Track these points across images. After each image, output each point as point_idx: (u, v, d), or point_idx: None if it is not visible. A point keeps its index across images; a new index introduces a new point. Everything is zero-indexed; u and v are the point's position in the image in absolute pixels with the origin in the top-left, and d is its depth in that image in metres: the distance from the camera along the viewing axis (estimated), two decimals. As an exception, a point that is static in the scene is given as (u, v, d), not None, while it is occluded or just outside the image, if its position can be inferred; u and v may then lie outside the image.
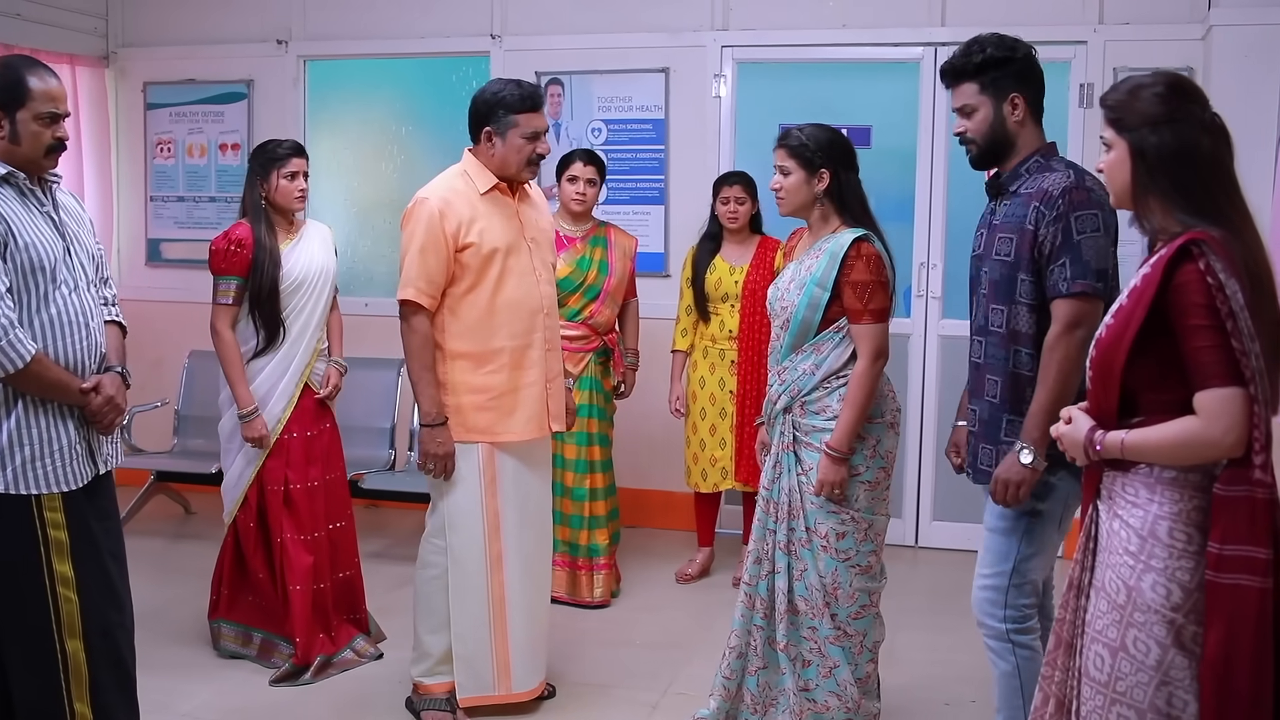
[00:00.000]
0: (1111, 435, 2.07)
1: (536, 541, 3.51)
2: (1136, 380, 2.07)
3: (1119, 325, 2.08)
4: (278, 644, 3.96)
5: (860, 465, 3.05)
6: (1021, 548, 2.75)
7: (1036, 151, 2.77)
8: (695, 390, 4.82)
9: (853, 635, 3.09)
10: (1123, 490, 2.09)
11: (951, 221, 5.32)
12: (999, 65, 2.75)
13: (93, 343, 2.75)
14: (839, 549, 3.05)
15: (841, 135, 3.12)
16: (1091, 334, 2.48)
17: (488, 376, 3.32)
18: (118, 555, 2.86)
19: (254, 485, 3.92)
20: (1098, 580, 2.11)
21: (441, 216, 3.23)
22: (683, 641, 4.27)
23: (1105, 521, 2.12)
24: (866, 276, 2.99)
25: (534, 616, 3.49)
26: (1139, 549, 2.03)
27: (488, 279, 3.29)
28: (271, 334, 3.86)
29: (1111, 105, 2.14)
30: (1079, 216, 2.61)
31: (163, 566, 5.11)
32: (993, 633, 2.80)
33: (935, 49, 5.26)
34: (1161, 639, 2.00)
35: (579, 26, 5.65)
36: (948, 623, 4.38)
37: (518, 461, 3.40)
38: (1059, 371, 2.61)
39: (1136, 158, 2.08)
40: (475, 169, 3.35)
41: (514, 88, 3.31)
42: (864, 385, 3.00)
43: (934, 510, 5.46)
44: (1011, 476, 2.66)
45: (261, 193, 3.91)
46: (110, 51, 6.31)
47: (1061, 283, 2.61)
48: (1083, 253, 2.59)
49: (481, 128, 3.31)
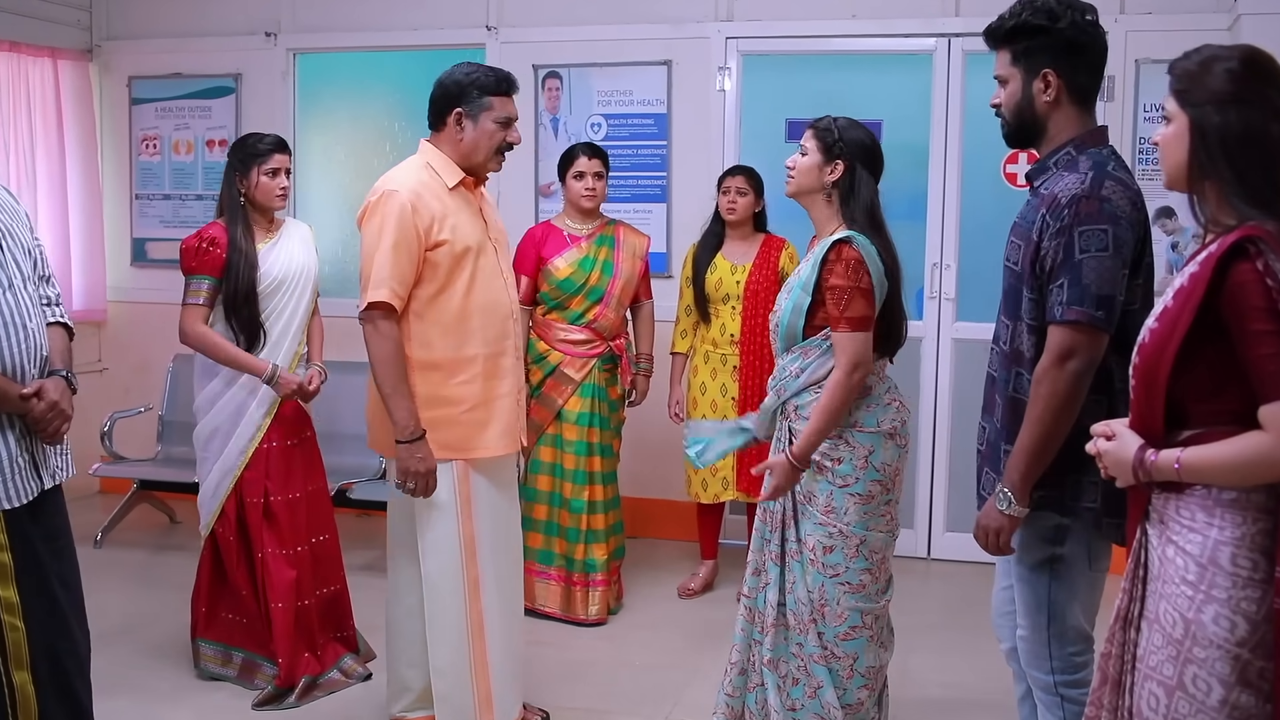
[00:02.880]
0: (1164, 455, 1.89)
1: (510, 563, 3.34)
2: (1185, 390, 1.89)
3: (1164, 330, 1.90)
4: (260, 664, 3.81)
5: (849, 476, 2.87)
6: (1054, 595, 2.49)
7: (1073, 140, 2.46)
8: (695, 396, 4.65)
9: (840, 657, 2.92)
10: (1177, 514, 1.91)
11: (965, 220, 5.22)
12: (1032, 34, 2.44)
13: (31, 345, 2.55)
14: (826, 563, 2.89)
15: (872, 137, 2.96)
16: (1088, 369, 2.31)
17: (460, 387, 3.12)
18: (67, 579, 2.67)
19: (233, 496, 3.77)
20: (1150, 612, 1.94)
21: (414, 211, 3.02)
22: (683, 662, 4.09)
23: (1157, 548, 1.94)
24: (843, 281, 2.82)
25: (511, 641, 3.32)
26: (1198, 578, 1.86)
27: (459, 280, 3.09)
28: (251, 338, 3.72)
29: (1178, 75, 1.96)
30: (1084, 232, 2.28)
31: (145, 579, 5.00)
32: (1040, 684, 2.55)
33: (949, 40, 5.16)
34: (1225, 676, 1.82)
35: (578, 18, 5.55)
36: (962, 641, 4.20)
37: (489, 480, 3.22)
38: (1045, 409, 2.31)
39: (1196, 135, 1.91)
40: (440, 161, 3.15)
41: (488, 70, 3.14)
42: (835, 395, 2.82)
43: (947, 521, 5.30)
44: (989, 524, 2.42)
45: (240, 190, 3.76)
46: (94, 45, 6.22)
47: (1056, 306, 2.31)
48: (1083, 275, 2.27)
49: (451, 109, 3.10)
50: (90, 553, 5.21)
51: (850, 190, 2.90)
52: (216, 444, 3.75)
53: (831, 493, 2.87)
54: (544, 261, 4.36)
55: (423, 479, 3.06)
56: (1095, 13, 2.46)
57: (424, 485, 3.07)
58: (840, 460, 2.87)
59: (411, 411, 3.04)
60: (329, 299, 5.56)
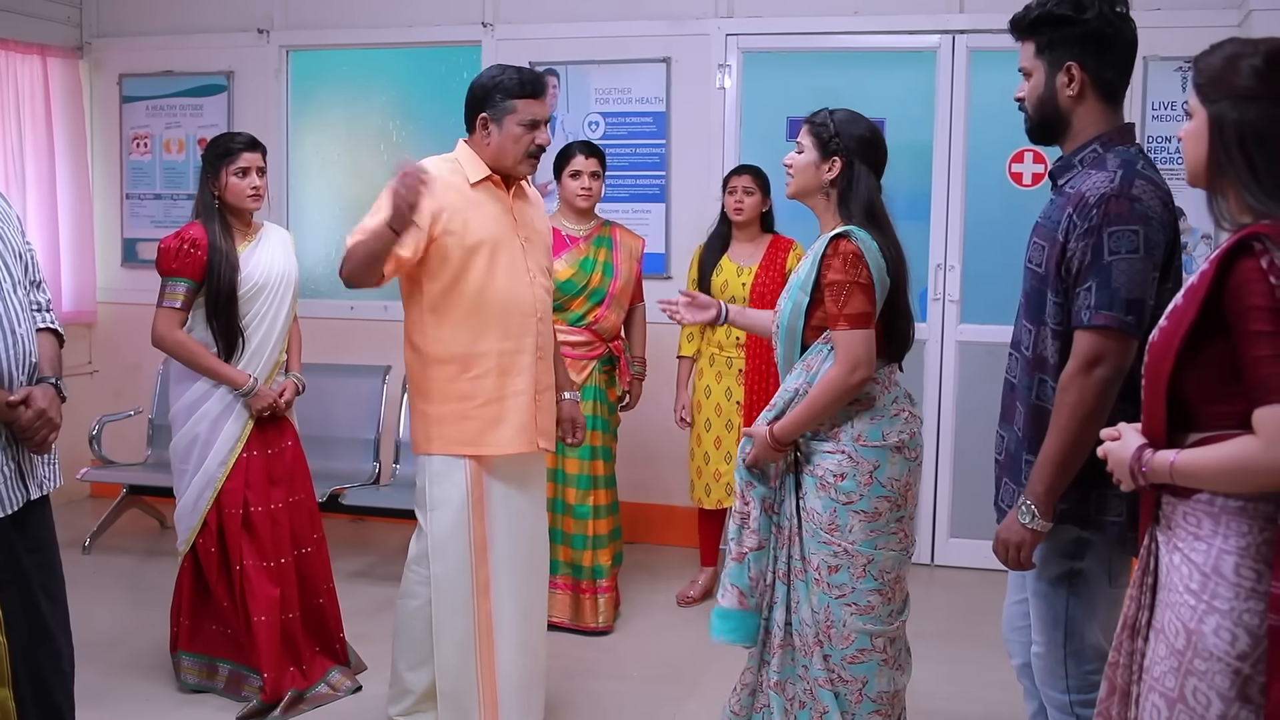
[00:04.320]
0: (1159, 456, 1.83)
1: (530, 569, 3.24)
2: (1193, 392, 1.83)
3: (1171, 328, 1.85)
4: (247, 676, 3.70)
5: (853, 493, 2.73)
6: (1071, 611, 2.40)
7: (1099, 137, 2.36)
8: (700, 400, 4.57)
9: (848, 680, 2.77)
10: (1184, 520, 1.85)
11: (970, 221, 5.14)
12: (1057, 24, 2.34)
13: (20, 351, 2.47)
14: (831, 583, 2.75)
15: (873, 130, 2.83)
16: (1116, 376, 2.21)
17: (471, 382, 3.07)
18: (52, 591, 2.60)
19: (213, 508, 3.67)
20: (1157, 621, 1.87)
21: None
22: (682, 674, 4.00)
23: (1165, 555, 1.87)
24: (841, 276, 2.70)
25: (527, 650, 3.22)
26: (1201, 588, 1.79)
27: (472, 274, 3.03)
28: (230, 344, 3.62)
29: (1201, 69, 1.88)
30: (1114, 233, 2.18)
31: (135, 586, 4.93)
32: (1055, 703, 2.46)
33: (953, 37, 5.09)
34: (1224, 690, 1.76)
35: (575, 14, 5.49)
36: (969, 652, 4.10)
37: (507, 481, 3.15)
38: (1070, 418, 2.21)
39: (1215, 132, 1.84)
40: (467, 158, 3.11)
41: (514, 72, 3.08)
42: (826, 391, 2.70)
43: (951, 526, 5.22)
44: (1010, 537, 2.33)
45: (213, 191, 3.66)
46: (84, 42, 6.14)
47: (1084, 311, 2.22)
48: (1113, 277, 2.18)
49: (477, 114, 3.08)
50: (78, 559, 5.13)
51: (848, 187, 2.79)
52: (196, 454, 3.65)
53: (835, 510, 2.73)
54: (544, 263, 4.28)
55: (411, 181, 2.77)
56: (1125, 4, 2.36)
57: (415, 182, 2.77)
58: (843, 476, 2.73)
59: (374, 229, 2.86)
60: (321, 301, 5.55)
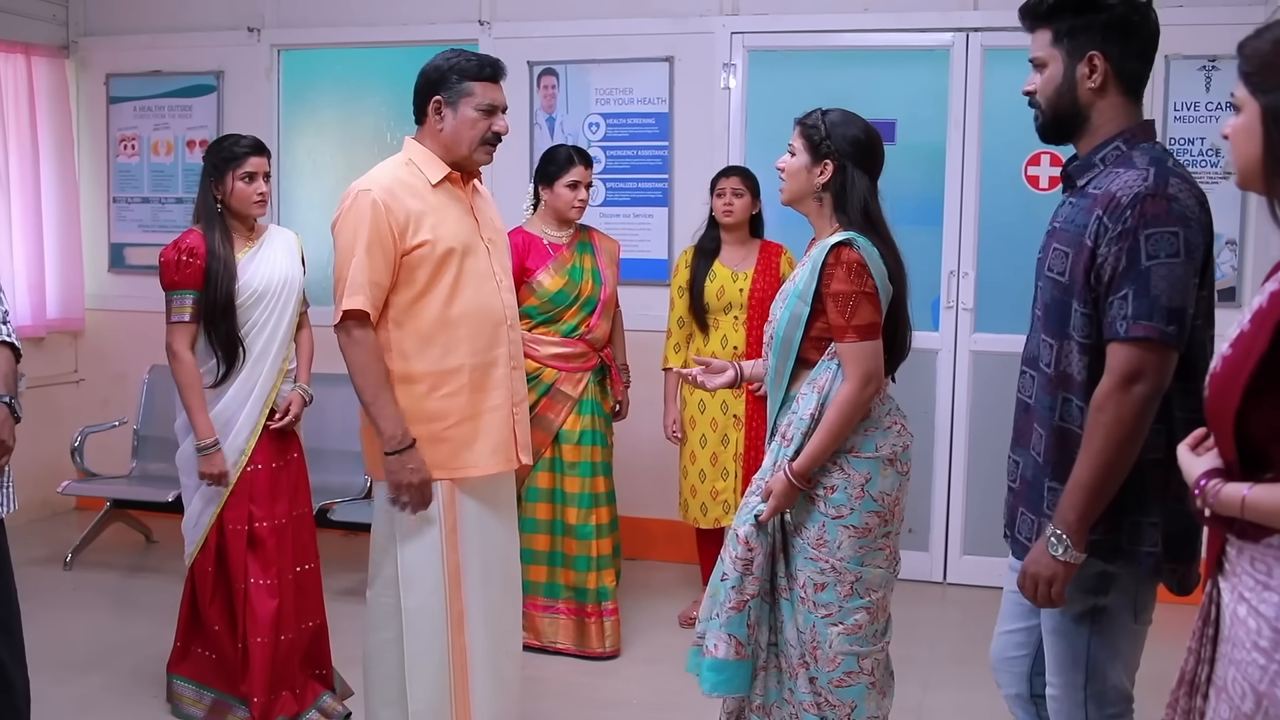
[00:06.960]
0: (1231, 488, 1.63)
1: (503, 595, 3.09)
2: (1263, 429, 1.62)
3: (1237, 357, 1.64)
4: (231, 706, 3.57)
5: (844, 506, 2.61)
6: (1093, 651, 2.22)
7: (1121, 134, 2.19)
8: (694, 414, 4.38)
9: (835, 705, 2.65)
10: (1251, 567, 1.64)
11: (984, 225, 5.01)
12: (1079, 11, 2.17)
13: None
14: (817, 602, 2.63)
15: (868, 131, 2.70)
16: (1156, 393, 2.02)
17: (443, 401, 2.90)
18: (6, 622, 2.49)
19: (214, 526, 3.55)
20: (1219, 678, 1.68)
21: (387, 210, 2.82)
22: (684, 700, 3.80)
23: (1229, 605, 1.68)
24: (847, 287, 2.58)
25: (500, 680, 3.06)
26: (1273, 646, 1.59)
27: (441, 284, 2.88)
28: (230, 355, 3.50)
29: (1248, 55, 1.68)
30: (1151, 236, 2.02)
31: (120, 602, 4.81)
32: None
33: (967, 35, 4.98)
34: None
35: (575, 11, 5.40)
36: (984, 677, 3.86)
37: (481, 501, 2.99)
38: (1107, 439, 2.04)
39: (1270, 125, 1.64)
40: (422, 156, 2.95)
41: (469, 55, 2.94)
42: (844, 411, 2.58)
43: (964, 543, 5.06)
44: (1040, 571, 2.13)
45: (216, 196, 3.55)
46: (70, 41, 6.06)
47: (1120, 321, 2.05)
48: (1151, 285, 2.02)
49: (430, 98, 2.93)
50: (59, 575, 5.00)
51: (842, 191, 2.67)
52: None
53: (824, 524, 2.62)
54: (529, 274, 4.11)
55: (416, 491, 2.85)
56: None
57: (418, 498, 2.86)
58: (834, 489, 2.62)
59: (398, 418, 2.84)
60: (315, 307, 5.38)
